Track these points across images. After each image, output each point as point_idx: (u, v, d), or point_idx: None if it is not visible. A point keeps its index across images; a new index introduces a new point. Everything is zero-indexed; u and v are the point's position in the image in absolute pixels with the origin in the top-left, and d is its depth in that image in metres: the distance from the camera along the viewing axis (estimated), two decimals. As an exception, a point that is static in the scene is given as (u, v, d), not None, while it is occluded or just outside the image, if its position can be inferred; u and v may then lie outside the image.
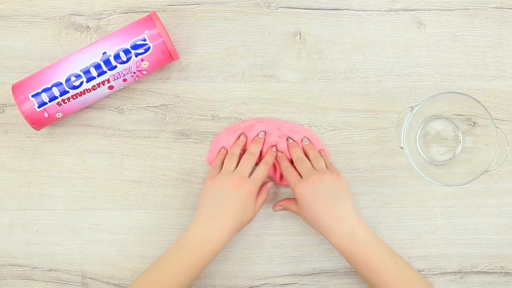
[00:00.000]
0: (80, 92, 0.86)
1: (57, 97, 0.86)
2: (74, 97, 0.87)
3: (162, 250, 0.92)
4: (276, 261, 0.93)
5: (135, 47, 0.86)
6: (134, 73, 0.88)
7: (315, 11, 0.94)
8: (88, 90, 0.87)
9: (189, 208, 0.93)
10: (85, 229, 0.93)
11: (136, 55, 0.86)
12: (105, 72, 0.86)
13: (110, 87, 0.88)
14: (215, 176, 0.87)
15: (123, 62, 0.86)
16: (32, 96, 0.85)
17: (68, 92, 0.86)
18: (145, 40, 0.86)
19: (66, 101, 0.87)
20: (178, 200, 0.93)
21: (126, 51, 0.86)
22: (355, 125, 0.93)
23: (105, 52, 0.86)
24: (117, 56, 0.86)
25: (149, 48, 0.86)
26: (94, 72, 0.86)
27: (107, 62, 0.86)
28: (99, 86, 0.87)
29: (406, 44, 0.93)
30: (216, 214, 0.84)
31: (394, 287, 0.82)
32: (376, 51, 0.93)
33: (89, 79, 0.86)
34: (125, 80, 0.88)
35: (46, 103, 0.86)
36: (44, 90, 0.86)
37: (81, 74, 0.86)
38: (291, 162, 0.91)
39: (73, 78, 0.86)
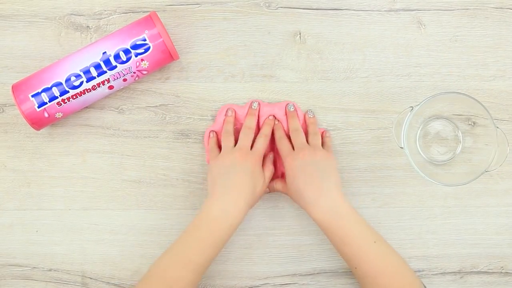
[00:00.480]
0: (80, 92, 0.86)
1: (57, 97, 0.86)
2: (74, 97, 0.87)
3: (162, 250, 0.91)
4: (276, 261, 0.93)
5: (135, 47, 0.86)
6: (134, 73, 0.88)
7: (315, 11, 0.94)
8: (88, 90, 0.87)
9: (189, 208, 0.93)
10: (85, 229, 0.93)
11: (136, 55, 0.86)
12: (105, 72, 0.86)
13: (110, 87, 0.88)
14: (217, 155, 0.87)
15: (123, 62, 0.86)
16: (32, 96, 0.85)
17: (68, 92, 0.86)
18: (145, 40, 0.86)
19: (66, 101, 0.87)
20: (178, 200, 0.93)
21: (126, 51, 0.86)
22: (355, 125, 0.93)
23: (105, 52, 0.86)
24: (117, 56, 0.86)
25: (149, 48, 0.86)
26: (94, 72, 0.86)
27: (107, 62, 0.86)
28: (99, 86, 0.87)
29: (406, 44, 0.93)
30: (228, 190, 0.84)
31: (370, 264, 0.81)
32: (376, 51, 0.93)
33: (89, 79, 0.86)
34: (125, 80, 0.88)
35: (46, 103, 0.86)
36: (44, 90, 0.86)
37: (81, 74, 0.86)
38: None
39: (73, 78, 0.86)
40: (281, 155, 0.88)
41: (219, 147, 0.90)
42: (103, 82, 0.87)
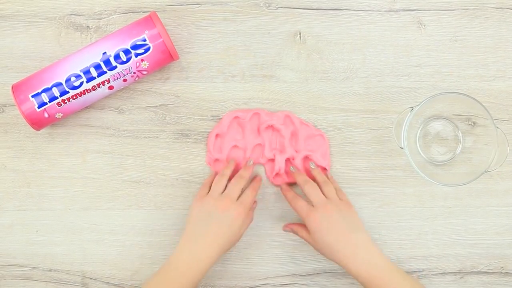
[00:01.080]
0: (80, 92, 0.86)
1: (57, 97, 0.86)
2: (74, 97, 0.87)
3: (162, 250, 0.92)
4: (276, 261, 0.93)
5: (135, 47, 0.86)
6: (134, 73, 0.88)
7: (315, 11, 0.94)
8: (88, 91, 0.87)
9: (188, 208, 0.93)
10: (85, 229, 0.93)
11: (136, 55, 0.86)
12: (105, 72, 0.86)
13: (110, 87, 0.88)
14: (203, 197, 0.87)
15: (123, 62, 0.86)
16: (32, 96, 0.85)
17: (68, 92, 0.86)
18: (145, 40, 0.86)
19: (66, 101, 0.87)
20: (178, 200, 0.93)
21: (126, 51, 0.86)
22: (355, 125, 0.93)
23: (105, 52, 0.86)
24: (117, 56, 0.86)
25: (149, 48, 0.86)
26: (94, 72, 0.86)
27: (107, 62, 0.86)
28: (99, 86, 0.87)
29: (406, 44, 0.93)
30: (203, 236, 0.84)
31: None
32: (376, 51, 0.93)
33: (89, 79, 0.86)
34: (125, 80, 0.88)
35: (46, 103, 0.86)
36: (44, 90, 0.86)
37: (81, 74, 0.86)
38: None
39: (73, 78, 0.86)
40: (301, 213, 0.86)
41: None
42: (103, 83, 0.87)
